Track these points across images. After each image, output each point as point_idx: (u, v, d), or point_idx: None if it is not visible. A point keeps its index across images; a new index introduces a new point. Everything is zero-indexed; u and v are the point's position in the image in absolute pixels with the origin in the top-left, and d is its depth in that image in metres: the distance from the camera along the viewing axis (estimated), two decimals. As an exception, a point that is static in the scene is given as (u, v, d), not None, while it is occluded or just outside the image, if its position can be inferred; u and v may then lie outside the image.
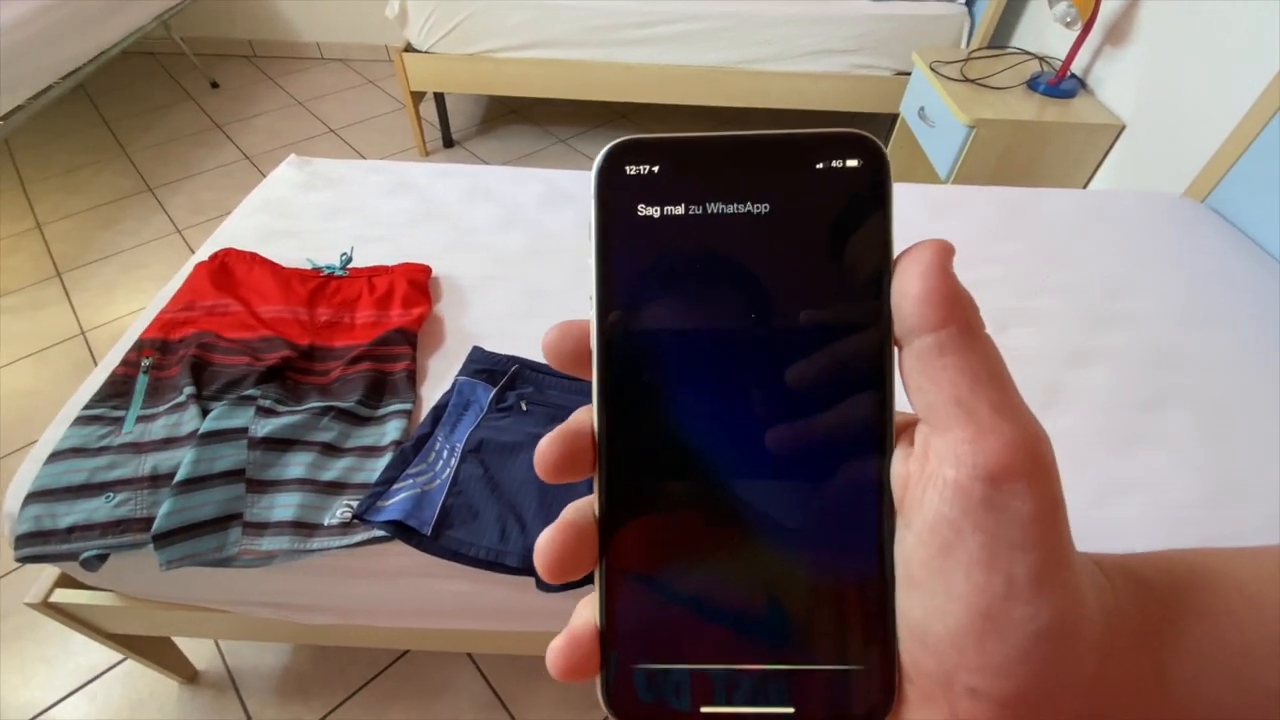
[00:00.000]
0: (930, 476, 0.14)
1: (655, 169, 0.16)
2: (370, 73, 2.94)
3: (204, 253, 1.03)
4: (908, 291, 0.15)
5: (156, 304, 0.95)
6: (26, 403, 1.57)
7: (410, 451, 0.79)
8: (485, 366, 0.90)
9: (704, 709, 0.16)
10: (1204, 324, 1.05)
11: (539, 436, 0.64)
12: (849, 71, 2.16)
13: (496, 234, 1.18)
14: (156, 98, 2.70)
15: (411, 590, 0.80)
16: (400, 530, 0.71)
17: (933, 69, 1.79)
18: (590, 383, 0.16)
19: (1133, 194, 1.39)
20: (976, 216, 1.27)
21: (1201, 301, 1.10)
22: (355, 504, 0.74)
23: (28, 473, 0.76)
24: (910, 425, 0.16)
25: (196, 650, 1.16)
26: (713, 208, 0.16)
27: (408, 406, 0.84)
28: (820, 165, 0.16)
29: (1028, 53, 1.88)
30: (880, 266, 0.16)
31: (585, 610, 0.17)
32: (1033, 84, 1.74)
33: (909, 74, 2.02)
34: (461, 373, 0.89)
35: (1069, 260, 1.18)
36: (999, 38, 2.10)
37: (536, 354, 0.93)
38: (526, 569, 0.71)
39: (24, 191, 2.20)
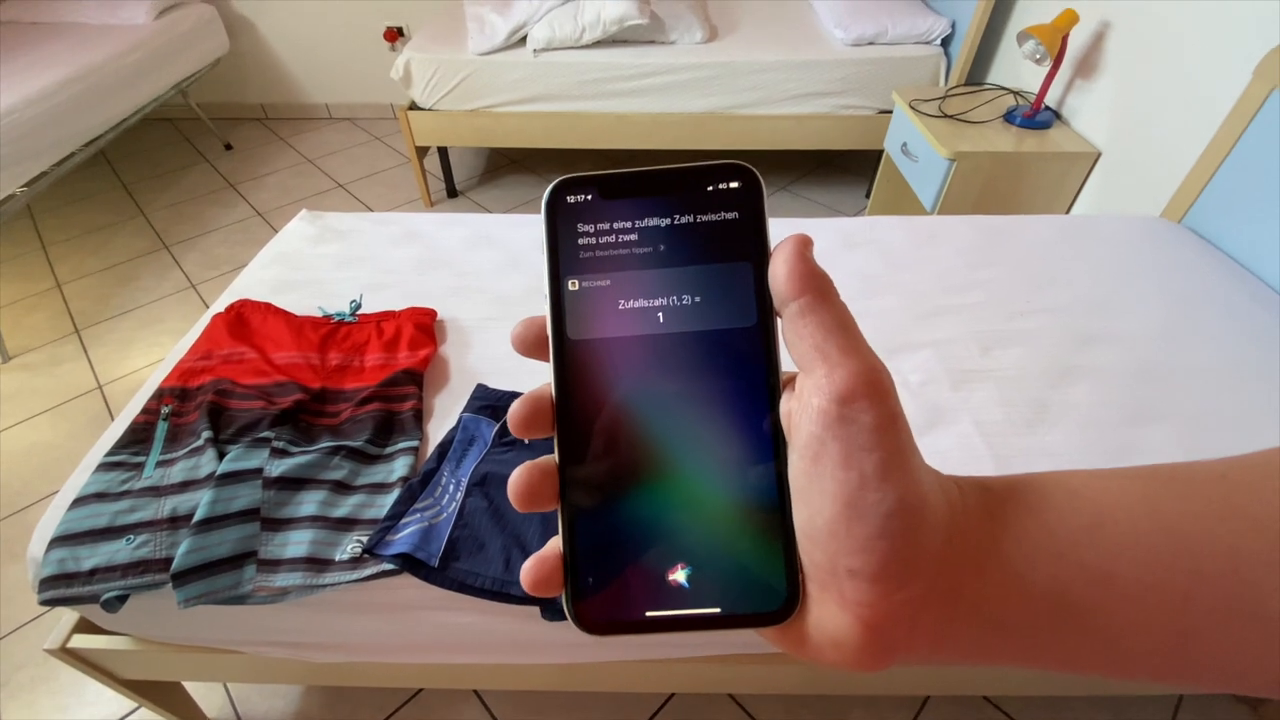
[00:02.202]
0: (804, 407, 0.18)
1: (588, 197, 0.21)
2: (376, 130, 3.08)
3: (221, 304, 1.08)
4: (776, 273, 0.20)
5: (175, 354, 1.00)
6: (47, 456, 1.61)
7: (417, 487, 0.82)
8: (489, 402, 0.93)
9: (648, 613, 0.20)
10: (1184, 339, 1.08)
11: None
12: (833, 112, 2.25)
13: (497, 278, 1.23)
14: (173, 160, 2.82)
15: (420, 624, 0.81)
16: (408, 563, 0.74)
17: (912, 106, 1.87)
18: (548, 364, 0.21)
19: (1112, 217, 1.43)
20: (960, 244, 1.32)
21: (1181, 318, 1.13)
22: (364, 539, 0.76)
23: (52, 519, 0.80)
24: (791, 379, 0.20)
25: (207, 699, 1.17)
26: (633, 223, 0.21)
27: (415, 444, 0.88)
28: (710, 187, 0.21)
29: (1003, 88, 1.96)
30: (760, 258, 0.21)
31: (553, 543, 0.21)
32: (1009, 117, 1.82)
33: (891, 112, 2.11)
34: (466, 409, 0.93)
35: (1051, 283, 1.22)
36: (975, 75, 2.20)
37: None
38: (532, 598, 0.73)
39: (45, 253, 2.29)
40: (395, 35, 2.88)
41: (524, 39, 2.21)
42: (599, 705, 1.18)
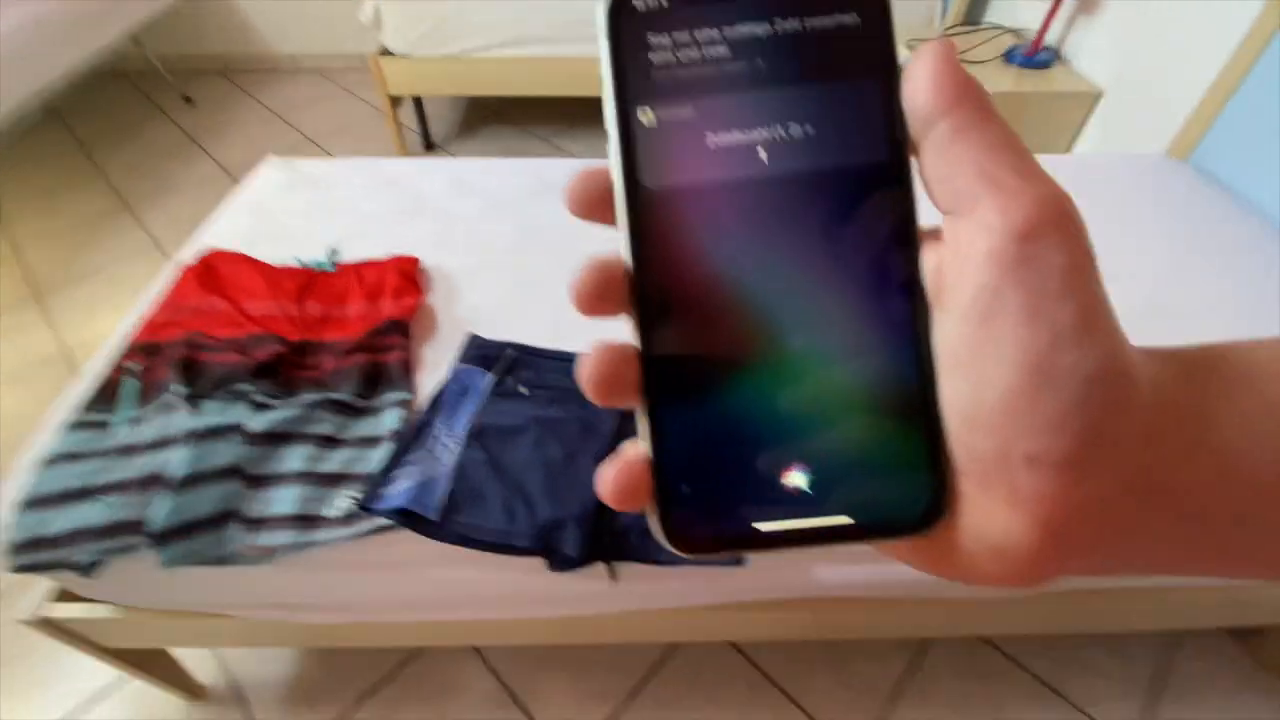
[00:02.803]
0: (965, 256, 0.14)
1: (664, 2, 0.16)
2: (346, 81, 2.92)
3: (187, 256, 1.01)
4: (918, 85, 0.15)
5: (142, 309, 0.93)
6: (15, 429, 1.53)
7: (411, 440, 0.78)
8: (482, 353, 0.89)
9: (760, 526, 0.16)
10: (1191, 277, 1.06)
11: (540, 419, 0.63)
12: (826, 55, 2.16)
13: (482, 224, 1.17)
14: (130, 116, 2.66)
15: (418, 580, 0.78)
16: (407, 518, 0.70)
17: (909, 47, 1.80)
18: (614, 226, 0.17)
19: (1117, 155, 1.40)
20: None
21: (1186, 256, 1.11)
22: (358, 495, 0.72)
23: (20, 482, 0.74)
24: (934, 232, 0.16)
25: (199, 665, 1.14)
26: (722, 30, 0.16)
27: (407, 396, 0.83)
28: None
29: (1002, 27, 1.90)
30: (888, 72, 0.16)
31: (630, 445, 0.17)
32: (1009, 57, 1.76)
33: (886, 54, 2.02)
34: (459, 360, 0.88)
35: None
36: (974, 13, 2.12)
37: (532, 339, 0.93)
38: (536, 549, 0.70)
39: (-2, 216, 2.16)
40: (362, -22, 2.71)
41: (501, -23, 2.09)
42: (601, 658, 1.17)
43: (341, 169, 1.28)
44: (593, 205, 0.17)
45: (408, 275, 0.98)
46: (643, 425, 0.17)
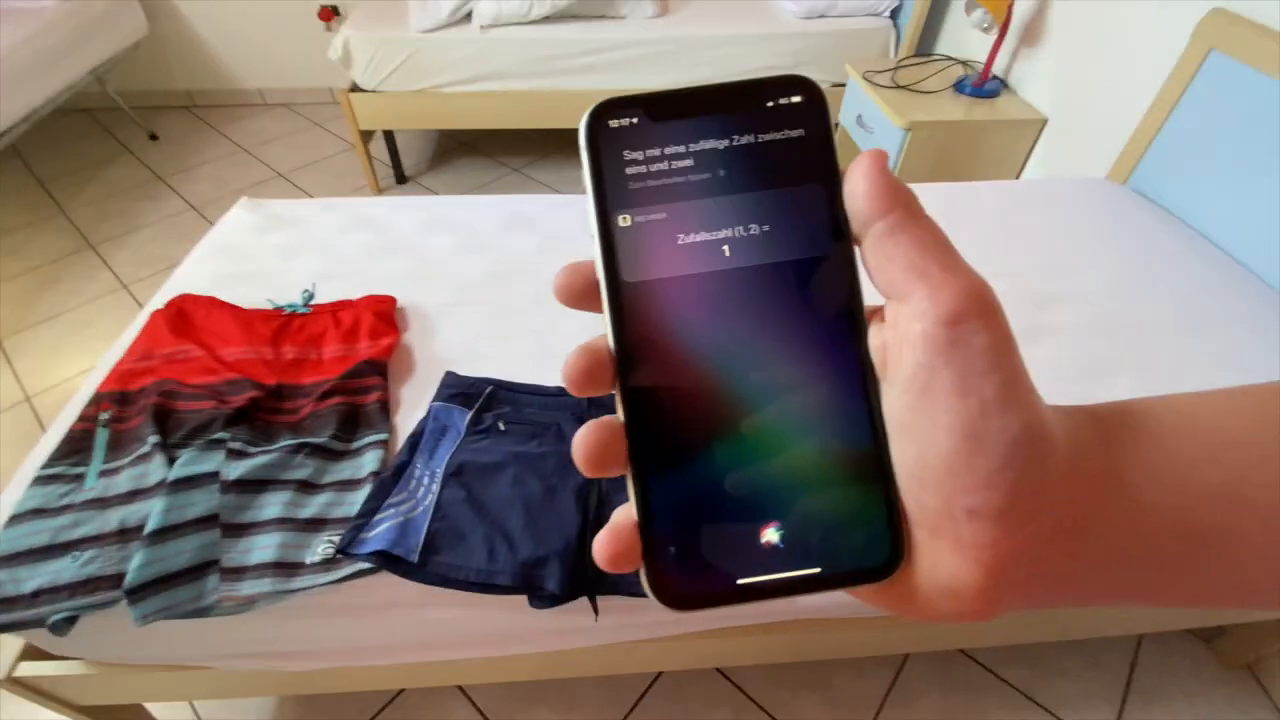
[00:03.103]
0: (903, 337, 0.17)
1: (635, 120, 0.19)
2: (316, 115, 2.93)
3: (159, 301, 1.01)
4: (856, 190, 0.18)
5: (112, 357, 0.92)
6: (-30, 476, 1.49)
7: (390, 481, 0.78)
8: (459, 390, 0.90)
9: (740, 580, 0.18)
10: (1135, 295, 1.12)
11: (520, 456, 0.65)
12: (788, 85, 2.24)
13: (457, 261, 1.19)
14: (93, 154, 2.63)
15: (401, 623, 0.78)
16: (386, 560, 0.70)
17: (865, 78, 1.88)
18: (600, 315, 0.19)
19: (1060, 181, 1.47)
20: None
21: (1131, 275, 1.17)
22: (337, 539, 0.72)
23: (-16, 541, 0.73)
24: (877, 311, 0.18)
25: (175, 717, 1.11)
26: (687, 146, 0.18)
27: (383, 437, 0.84)
28: (770, 103, 0.19)
29: (952, 58, 1.99)
30: (830, 178, 0.19)
31: (623, 511, 0.18)
32: (959, 87, 1.84)
33: (844, 85, 2.12)
34: (436, 398, 0.89)
35: (1006, 247, 1.24)
36: (924, 45, 2.22)
37: (509, 374, 0.94)
38: (518, 586, 0.71)
39: (-46, 258, 2.10)
40: (331, 14, 2.74)
41: (469, 15, 2.13)
42: (587, 690, 1.17)
43: (313, 209, 1.28)
44: (578, 296, 0.19)
45: (384, 315, 0.99)
46: (632, 492, 0.18)
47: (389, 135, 2.39)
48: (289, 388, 0.88)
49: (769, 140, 0.19)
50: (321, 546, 0.72)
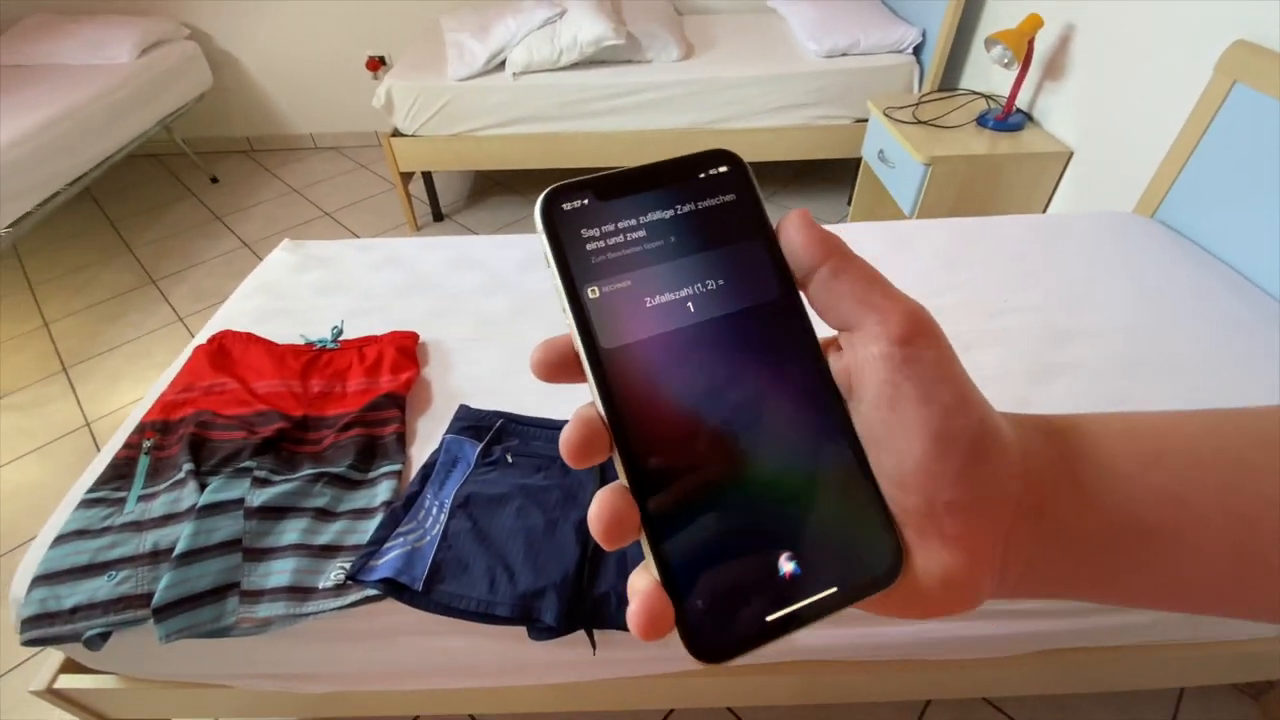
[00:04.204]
0: (864, 360, 0.19)
1: (585, 201, 0.21)
2: (361, 157, 3.10)
3: (204, 336, 1.08)
4: (793, 245, 0.20)
5: (157, 388, 1.00)
6: (34, 496, 1.60)
7: (400, 511, 0.82)
8: (471, 423, 0.93)
9: (769, 617, 0.18)
10: (1159, 331, 1.10)
11: (525, 488, 0.68)
12: (810, 123, 2.28)
13: (479, 299, 1.24)
14: (159, 196, 2.84)
15: (407, 650, 0.81)
16: (391, 587, 0.73)
17: (886, 114, 1.90)
18: (585, 384, 0.20)
19: (1085, 214, 1.45)
20: (937, 247, 1.34)
21: (1156, 310, 1.14)
22: (348, 566, 0.76)
23: (33, 559, 0.79)
24: (831, 342, 0.21)
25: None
26: (637, 219, 0.21)
27: (397, 467, 0.87)
28: (701, 174, 0.21)
29: (975, 92, 2.00)
30: (766, 233, 0.21)
31: (640, 578, 0.19)
32: (982, 121, 1.84)
33: (867, 120, 2.14)
34: (449, 431, 0.93)
35: (1028, 281, 1.23)
36: (947, 81, 2.23)
37: (521, 408, 0.97)
38: (516, 618, 0.73)
39: (31, 292, 2.29)
40: (378, 64, 2.92)
41: (503, 63, 2.24)
42: (597, 725, 1.16)
43: (348, 249, 1.36)
44: (556, 369, 0.20)
45: (406, 350, 1.04)
46: (649, 555, 0.19)
47: (427, 176, 2.52)
48: (314, 419, 0.94)
49: (706, 206, 0.21)
50: (334, 572, 0.76)
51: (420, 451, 0.92)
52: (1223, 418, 0.20)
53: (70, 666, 0.89)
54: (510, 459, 0.88)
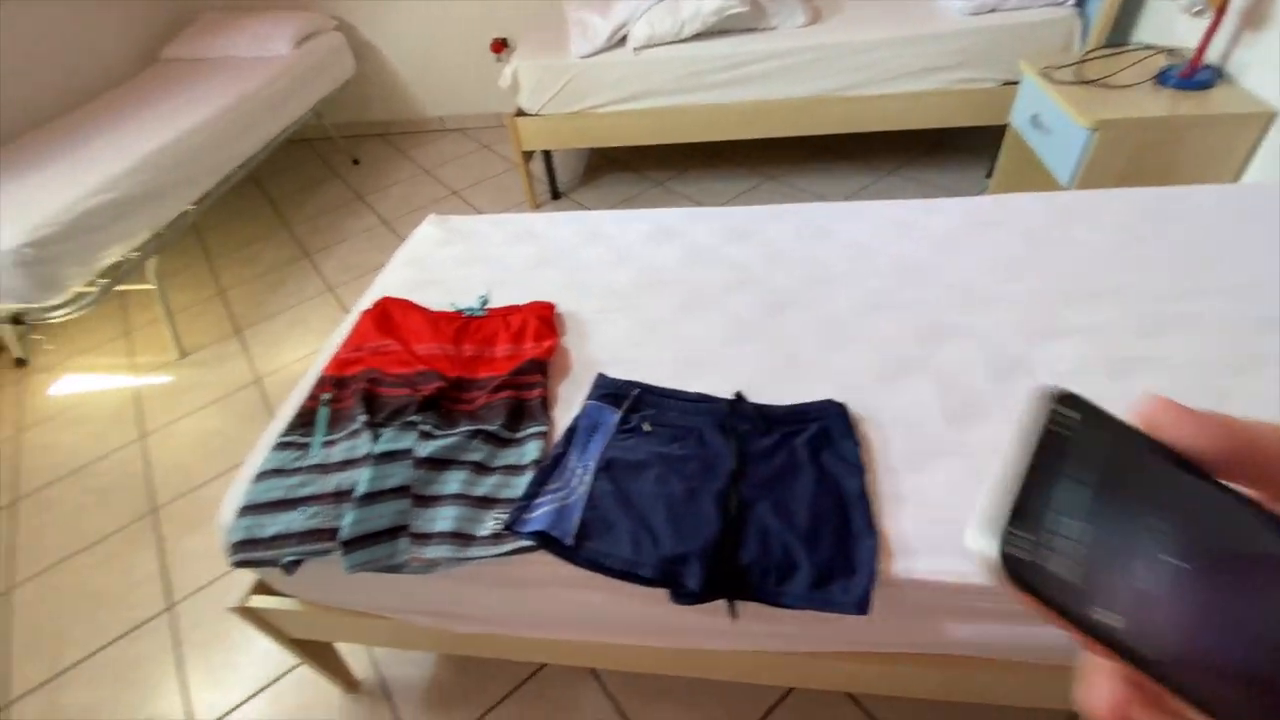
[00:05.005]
0: None
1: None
2: (484, 138, 3.24)
3: (366, 302, 1.18)
4: (1186, 435, 0.19)
5: (331, 347, 1.10)
6: (216, 441, 1.83)
7: (549, 469, 0.86)
8: (610, 391, 0.96)
9: None
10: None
11: (664, 456, 0.70)
12: (950, 87, 2.11)
13: (607, 272, 1.26)
14: (309, 177, 3.12)
15: (550, 599, 0.85)
16: (545, 540, 0.78)
17: (1044, 74, 1.73)
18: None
19: (1294, 184, 1.25)
20: (1109, 220, 1.20)
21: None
22: (504, 517, 0.81)
23: (237, 491, 0.91)
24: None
25: (354, 661, 1.29)
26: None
27: (543, 429, 0.92)
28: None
29: (1153, 47, 1.76)
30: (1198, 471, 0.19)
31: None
32: (1162, 79, 1.63)
33: (1016, 83, 1.96)
34: (589, 397, 0.96)
35: (1219, 260, 1.08)
36: (1117, 35, 1.99)
37: (654, 378, 0.99)
38: (659, 580, 0.75)
39: (209, 264, 2.60)
40: (501, 46, 3.02)
41: (624, 38, 2.25)
42: (714, 694, 1.18)
43: (485, 224, 1.43)
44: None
45: (546, 320, 1.08)
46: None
47: (546, 155, 2.59)
48: (466, 380, 1.00)
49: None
50: (491, 522, 0.81)
51: (562, 415, 0.96)
52: None
53: (259, 589, 1.02)
54: (648, 428, 0.90)
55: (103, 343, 2.27)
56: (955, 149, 2.57)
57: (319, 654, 1.17)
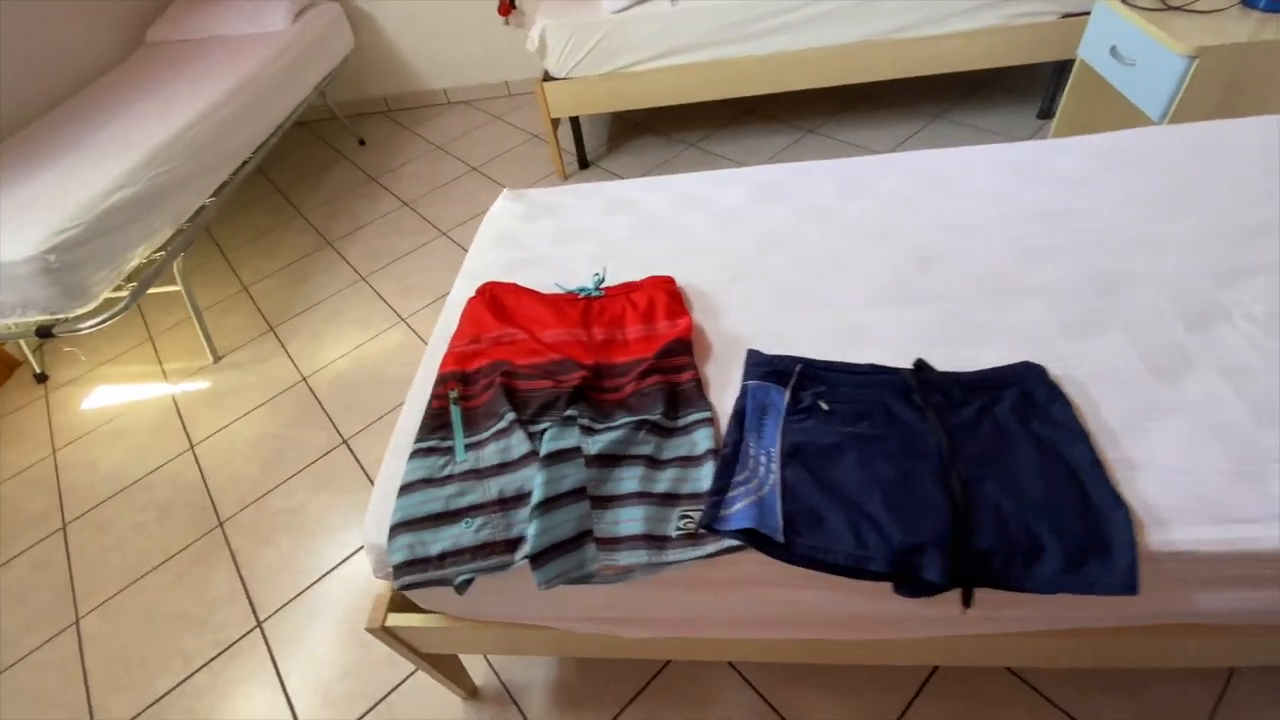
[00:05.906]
0: None
1: None
2: (493, 109, 3.07)
3: (464, 286, 1.08)
4: None
5: (439, 341, 1.01)
6: (273, 445, 1.73)
7: (730, 459, 0.78)
8: (770, 368, 0.88)
9: None
10: None
11: (857, 437, 0.62)
12: (1006, 24, 2.01)
13: (716, 237, 1.17)
14: (314, 161, 2.95)
15: (747, 599, 0.79)
16: (753, 538, 0.70)
17: (1125, 0, 1.63)
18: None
19: None
20: (1257, 150, 1.13)
21: None
22: (691, 513, 0.74)
23: (381, 506, 0.82)
24: None
25: (470, 666, 1.22)
26: None
27: (707, 414, 0.84)
28: None
29: (1233, -33, 1.67)
30: None
31: None
32: (1249, 1, 1.54)
33: (1078, 15, 1.86)
34: (746, 377, 0.88)
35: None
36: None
37: (808, 350, 0.91)
38: (892, 573, 0.68)
39: (225, 259, 2.45)
40: (509, 8, 2.84)
41: (659, -10, 2.11)
42: (856, 676, 1.14)
43: (567, 195, 1.33)
44: None
45: (674, 295, 1.00)
46: None
47: (574, 122, 2.45)
48: (604, 367, 0.91)
49: None
50: (679, 520, 0.73)
51: (718, 398, 0.88)
52: None
53: (395, 605, 0.94)
54: (825, 406, 0.83)
55: (127, 350, 2.14)
56: (999, 90, 2.48)
57: (441, 663, 1.10)
